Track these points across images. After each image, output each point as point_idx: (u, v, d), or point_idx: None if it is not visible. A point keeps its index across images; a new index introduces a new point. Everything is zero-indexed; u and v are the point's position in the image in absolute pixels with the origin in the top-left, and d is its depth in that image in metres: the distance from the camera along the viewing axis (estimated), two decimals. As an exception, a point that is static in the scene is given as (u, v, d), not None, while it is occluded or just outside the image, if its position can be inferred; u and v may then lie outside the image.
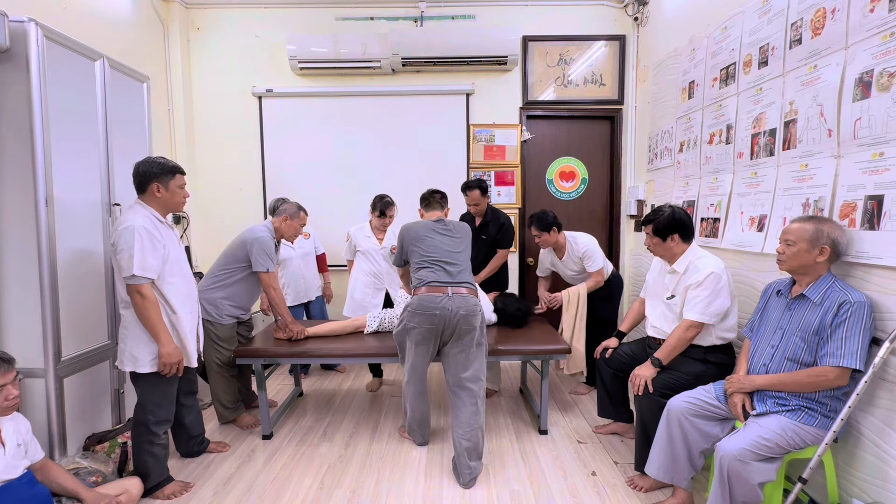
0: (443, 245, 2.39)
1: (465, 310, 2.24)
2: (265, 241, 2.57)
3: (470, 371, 2.25)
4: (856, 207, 1.69)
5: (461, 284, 2.31)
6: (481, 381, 2.27)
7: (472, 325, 2.24)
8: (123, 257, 1.87)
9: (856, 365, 1.53)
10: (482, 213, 3.16)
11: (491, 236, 3.16)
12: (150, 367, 1.98)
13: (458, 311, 2.22)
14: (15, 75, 1.89)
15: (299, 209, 2.77)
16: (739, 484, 1.58)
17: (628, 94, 3.83)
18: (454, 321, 2.22)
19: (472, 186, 3.10)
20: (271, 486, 2.16)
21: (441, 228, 2.44)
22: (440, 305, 2.23)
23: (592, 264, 2.96)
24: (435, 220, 2.48)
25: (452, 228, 2.47)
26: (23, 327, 1.95)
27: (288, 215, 2.70)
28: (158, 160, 2.02)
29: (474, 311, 2.26)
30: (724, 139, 2.54)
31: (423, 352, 2.31)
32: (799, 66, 2.00)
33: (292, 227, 2.74)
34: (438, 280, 2.30)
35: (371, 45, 3.63)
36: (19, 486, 1.58)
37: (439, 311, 2.22)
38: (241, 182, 3.93)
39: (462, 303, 2.24)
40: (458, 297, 2.25)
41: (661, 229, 2.16)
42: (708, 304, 2.02)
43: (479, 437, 2.20)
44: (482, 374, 2.29)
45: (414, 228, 2.45)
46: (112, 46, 2.79)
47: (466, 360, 2.26)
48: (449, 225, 2.48)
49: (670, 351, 2.09)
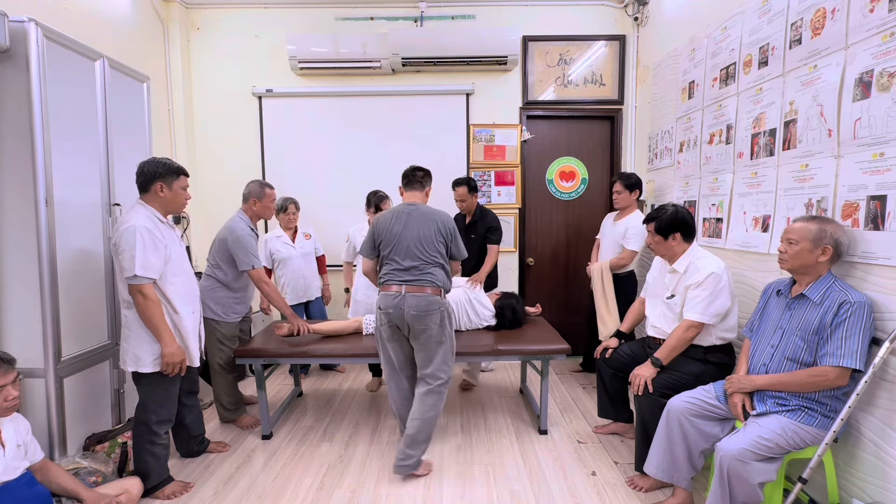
0: (405, 235, 2.19)
1: (417, 310, 2.13)
2: (242, 237, 2.52)
3: (430, 368, 2.21)
4: (858, 208, 1.69)
5: (416, 282, 2.16)
6: (441, 378, 2.22)
7: (425, 325, 2.15)
8: (125, 257, 1.87)
9: (856, 365, 1.53)
10: (470, 211, 3.19)
11: (480, 234, 3.19)
12: (153, 367, 1.98)
13: (408, 312, 2.13)
14: (15, 75, 1.89)
15: (262, 186, 2.71)
16: (739, 484, 1.58)
17: (628, 94, 3.83)
18: (406, 322, 2.15)
19: (460, 182, 3.12)
20: (271, 486, 2.16)
21: (406, 215, 2.22)
22: (393, 304, 2.15)
23: (632, 243, 3.06)
24: (407, 204, 2.29)
25: (423, 214, 2.24)
26: (23, 327, 1.95)
27: (255, 198, 2.68)
28: (163, 160, 2.04)
29: (427, 311, 2.14)
30: (724, 139, 2.54)
31: (394, 348, 2.26)
32: (799, 66, 2.00)
33: (265, 206, 2.71)
34: (392, 278, 2.20)
35: (371, 45, 3.63)
36: (19, 486, 1.58)
37: (392, 311, 2.16)
38: (241, 182, 3.83)
39: (414, 303, 2.13)
40: (410, 297, 2.14)
41: (664, 228, 2.16)
42: (708, 304, 2.02)
43: (424, 428, 2.17)
44: (443, 371, 2.22)
45: (384, 217, 2.28)
46: (112, 46, 2.79)
47: (426, 357, 2.21)
48: (420, 210, 2.25)
49: (670, 351, 2.09)
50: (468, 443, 2.54)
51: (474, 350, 2.54)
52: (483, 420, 2.81)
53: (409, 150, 3.88)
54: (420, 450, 2.20)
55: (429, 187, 2.39)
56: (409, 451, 2.17)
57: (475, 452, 2.44)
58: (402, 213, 2.24)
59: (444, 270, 2.26)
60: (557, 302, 4.04)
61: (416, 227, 2.20)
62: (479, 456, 2.41)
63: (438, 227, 2.22)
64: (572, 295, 4.00)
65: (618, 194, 3.16)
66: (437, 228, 2.21)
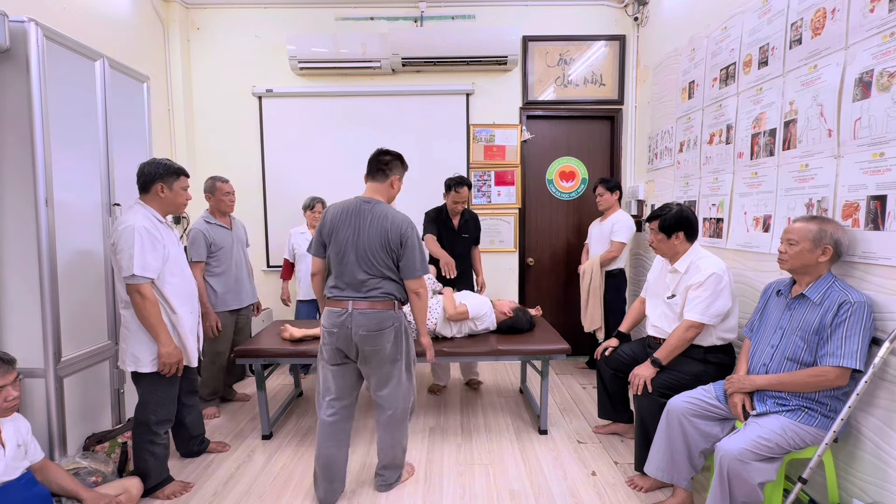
0: (353, 243, 1.86)
1: (367, 329, 1.85)
2: (194, 233, 2.74)
3: (385, 391, 1.96)
4: (858, 208, 1.69)
5: (365, 298, 1.87)
6: (397, 403, 1.97)
7: (377, 345, 1.87)
8: (123, 257, 1.87)
9: (856, 365, 1.53)
10: (460, 212, 3.15)
11: (472, 235, 3.19)
12: (152, 367, 1.98)
13: (356, 332, 1.85)
14: (15, 75, 1.89)
15: (214, 180, 2.84)
16: (739, 484, 1.58)
17: (628, 94, 3.83)
18: (353, 343, 1.88)
19: (464, 183, 3.03)
20: (271, 486, 2.16)
21: (356, 216, 1.87)
22: (338, 323, 1.87)
23: (619, 235, 3.24)
24: (364, 200, 1.92)
25: (375, 217, 1.86)
26: (23, 327, 1.95)
27: (209, 194, 2.84)
28: (164, 161, 2.05)
29: (380, 329, 1.86)
30: (724, 139, 2.54)
31: (335, 374, 1.96)
32: (799, 66, 2.00)
33: (219, 200, 2.84)
34: (337, 294, 1.90)
35: (371, 45, 3.63)
36: (19, 486, 1.58)
37: (337, 330, 1.88)
38: (241, 182, 3.90)
39: (363, 321, 1.85)
40: (358, 315, 1.85)
41: (668, 226, 2.16)
42: (708, 304, 2.02)
43: (397, 454, 2.07)
44: (400, 395, 1.97)
45: (334, 211, 1.93)
46: (112, 46, 2.79)
47: (378, 380, 1.95)
48: (375, 212, 1.88)
49: (670, 351, 2.09)
50: (468, 443, 2.54)
51: (474, 350, 2.54)
52: (483, 420, 2.81)
53: (409, 150, 3.82)
54: (399, 469, 2.13)
55: (395, 176, 1.98)
56: (387, 472, 2.10)
57: (475, 452, 2.44)
58: (353, 211, 1.90)
59: (395, 283, 1.94)
60: (557, 302, 4.05)
61: (365, 232, 1.86)
62: (479, 456, 2.41)
63: (387, 237, 1.86)
64: (572, 295, 3.99)
65: (600, 196, 3.39)
66: (383, 240, 1.86)
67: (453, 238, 3.13)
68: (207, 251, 2.74)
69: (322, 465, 1.97)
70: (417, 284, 1.94)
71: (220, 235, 2.81)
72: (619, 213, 3.35)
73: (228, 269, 2.85)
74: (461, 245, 3.14)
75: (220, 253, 2.81)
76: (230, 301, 2.87)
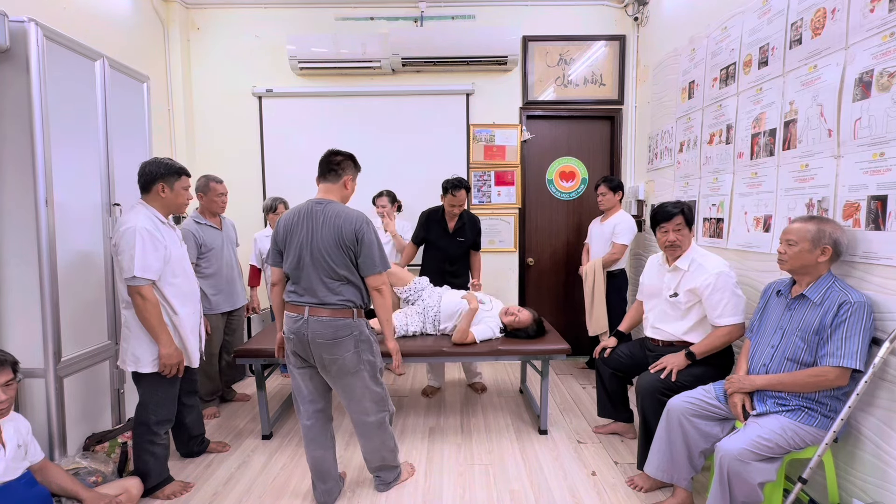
0: (307, 244, 1.80)
1: (323, 337, 1.79)
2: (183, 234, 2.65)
3: (352, 402, 1.91)
4: (859, 207, 1.69)
5: (323, 305, 1.80)
6: (368, 412, 1.92)
7: (335, 354, 1.80)
8: (125, 258, 1.88)
9: (856, 365, 1.53)
10: (458, 214, 3.04)
11: (469, 239, 3.10)
12: (152, 368, 1.98)
13: (314, 340, 1.80)
14: (15, 75, 1.88)
15: (209, 180, 2.80)
16: (739, 484, 1.58)
17: (628, 94, 3.83)
18: (310, 351, 1.82)
19: (461, 186, 2.90)
20: (271, 486, 2.16)
21: (309, 218, 1.81)
22: (295, 329, 1.82)
23: (621, 238, 3.20)
24: (316, 202, 1.86)
25: (327, 217, 1.80)
26: (23, 327, 1.95)
27: (201, 193, 2.80)
28: (165, 161, 2.04)
29: (336, 338, 1.79)
30: (724, 139, 2.54)
31: (303, 376, 1.91)
32: (799, 66, 2.00)
33: (212, 200, 2.80)
34: (294, 298, 1.84)
35: (371, 45, 3.63)
36: (18, 486, 1.58)
37: (294, 336, 1.83)
38: (241, 182, 3.92)
39: (319, 330, 1.79)
40: (314, 322, 1.79)
41: (691, 219, 2.19)
42: (735, 304, 2.05)
43: (387, 457, 2.04)
44: (370, 403, 1.91)
45: (287, 217, 1.88)
46: (112, 46, 2.79)
47: (343, 392, 1.89)
48: (327, 212, 1.81)
49: (708, 349, 2.08)
50: (468, 443, 2.54)
51: (474, 350, 2.54)
52: (483, 420, 2.81)
53: (409, 150, 3.88)
54: (395, 468, 2.12)
55: (348, 176, 1.93)
56: (382, 473, 2.09)
57: (475, 452, 2.44)
58: (305, 214, 1.84)
59: (355, 287, 1.86)
60: (557, 302, 4.05)
61: (319, 233, 1.80)
62: (479, 456, 2.41)
63: (341, 234, 1.79)
64: (572, 295, 4.00)
65: (602, 196, 3.32)
66: (337, 238, 1.78)
67: (447, 240, 3.06)
68: (198, 252, 2.70)
69: (312, 467, 1.99)
70: (379, 281, 1.87)
71: (211, 236, 2.77)
72: (621, 213, 3.30)
73: (219, 270, 2.81)
74: (455, 248, 3.07)
75: (210, 254, 2.76)
76: (222, 304, 2.84)
